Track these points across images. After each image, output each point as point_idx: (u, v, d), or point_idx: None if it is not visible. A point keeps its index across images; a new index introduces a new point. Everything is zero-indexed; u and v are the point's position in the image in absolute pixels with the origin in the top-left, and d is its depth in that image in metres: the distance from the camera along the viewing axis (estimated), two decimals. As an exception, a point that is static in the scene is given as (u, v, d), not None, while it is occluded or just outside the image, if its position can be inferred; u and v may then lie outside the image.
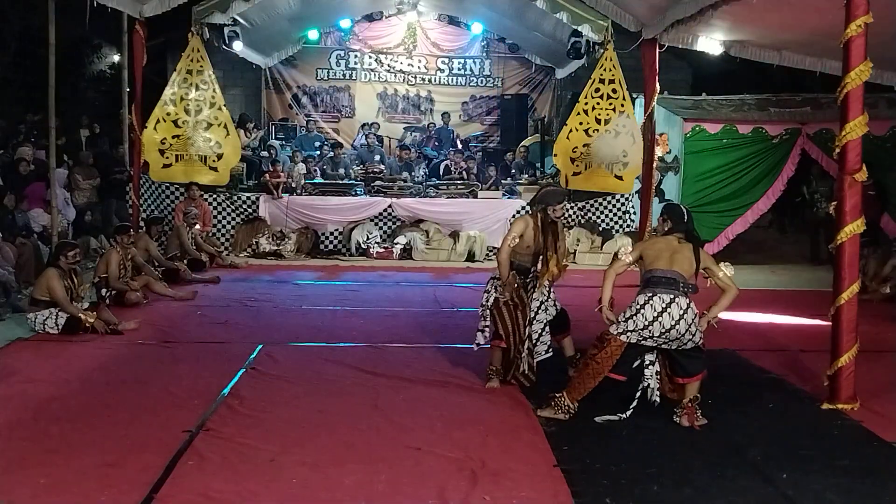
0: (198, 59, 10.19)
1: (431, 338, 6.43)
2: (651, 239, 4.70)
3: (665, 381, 4.57)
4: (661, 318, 4.28)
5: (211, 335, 6.45)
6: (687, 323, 4.30)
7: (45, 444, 4.01)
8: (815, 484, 3.69)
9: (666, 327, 4.28)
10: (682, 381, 4.48)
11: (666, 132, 11.04)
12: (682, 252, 4.48)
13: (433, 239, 10.89)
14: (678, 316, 4.28)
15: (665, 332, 4.30)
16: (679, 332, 4.30)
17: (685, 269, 4.43)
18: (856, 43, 4.59)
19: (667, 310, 4.28)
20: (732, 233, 11.12)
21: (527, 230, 4.99)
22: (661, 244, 4.56)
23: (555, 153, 10.81)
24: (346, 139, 14.30)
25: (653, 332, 4.32)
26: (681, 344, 4.37)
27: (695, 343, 4.39)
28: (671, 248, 4.50)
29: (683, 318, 4.29)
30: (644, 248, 4.62)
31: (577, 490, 3.56)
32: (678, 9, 8.41)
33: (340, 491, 3.55)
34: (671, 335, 4.31)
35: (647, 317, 4.31)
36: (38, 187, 9.89)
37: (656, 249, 4.53)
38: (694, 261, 4.46)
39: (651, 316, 4.30)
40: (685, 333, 4.32)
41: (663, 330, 4.29)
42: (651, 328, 4.31)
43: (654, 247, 4.57)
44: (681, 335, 4.32)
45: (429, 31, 14.80)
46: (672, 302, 4.30)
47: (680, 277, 4.39)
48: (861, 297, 4.88)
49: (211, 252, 9.89)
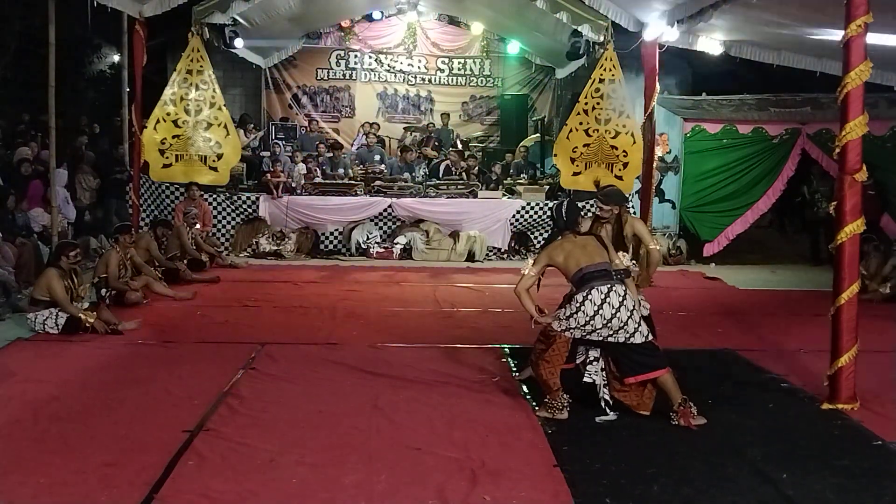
0: (198, 59, 10.19)
1: (431, 338, 6.42)
2: (551, 247, 4.61)
3: (614, 383, 4.54)
4: (601, 309, 4.33)
5: (211, 335, 6.45)
6: (628, 309, 4.34)
7: (45, 444, 4.01)
8: (815, 484, 3.69)
9: (607, 317, 4.33)
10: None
11: (666, 132, 11.06)
12: (590, 244, 4.55)
13: (433, 239, 10.89)
14: (618, 303, 4.33)
15: (607, 322, 4.33)
16: (621, 319, 4.33)
17: (605, 257, 4.49)
18: (856, 43, 4.59)
19: (606, 300, 4.33)
20: (732, 233, 11.13)
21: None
22: (567, 246, 4.56)
23: (555, 153, 10.80)
24: (346, 139, 14.29)
25: (595, 325, 4.36)
26: (627, 334, 4.36)
27: (643, 335, 4.39)
28: (579, 245, 4.54)
29: (623, 304, 4.34)
30: (549, 256, 4.58)
31: (577, 490, 3.56)
32: (678, 9, 8.42)
33: (340, 491, 3.55)
34: (613, 325, 4.34)
35: (587, 312, 4.35)
36: (35, 187, 9.90)
37: (566, 252, 4.53)
38: (603, 247, 4.53)
39: (591, 310, 4.34)
40: (627, 321, 4.34)
41: (605, 321, 4.33)
42: (593, 322, 4.35)
43: (560, 251, 4.55)
44: (623, 323, 4.34)
45: (429, 31, 14.80)
46: (610, 290, 4.35)
47: (609, 267, 4.45)
48: (861, 297, 4.88)
49: (211, 252, 9.89)
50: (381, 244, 10.88)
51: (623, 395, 4.53)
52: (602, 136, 10.45)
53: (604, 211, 5.08)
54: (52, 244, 8.30)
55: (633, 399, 4.51)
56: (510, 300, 8.03)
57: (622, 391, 4.53)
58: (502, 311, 7.45)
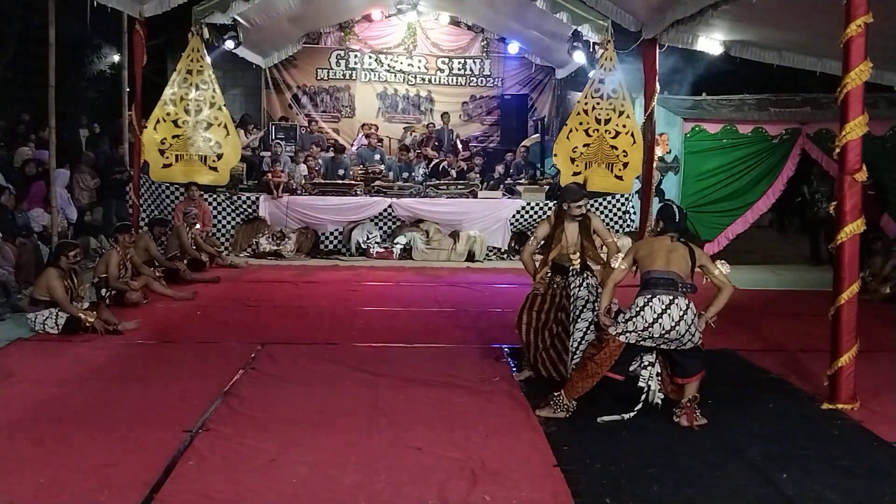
0: (198, 59, 10.19)
1: (431, 338, 6.42)
2: (644, 240, 4.72)
3: (667, 381, 4.57)
4: (661, 319, 4.28)
5: (211, 335, 6.45)
6: (687, 323, 4.30)
7: (45, 444, 4.00)
8: (815, 484, 3.69)
9: (666, 328, 4.28)
10: (682, 382, 4.48)
11: (666, 132, 11.04)
12: (677, 251, 4.49)
13: (433, 239, 10.88)
14: (678, 317, 4.28)
15: (665, 333, 4.30)
16: (679, 332, 4.30)
17: (682, 268, 4.43)
18: (856, 43, 4.59)
19: (667, 311, 4.28)
20: (732, 233, 11.13)
21: (550, 229, 5.20)
22: (656, 245, 4.56)
23: (555, 153, 10.81)
24: (346, 139, 14.30)
25: (652, 333, 4.32)
26: (680, 344, 4.36)
27: (694, 343, 4.40)
28: (666, 248, 4.50)
29: (683, 318, 4.29)
30: (637, 250, 4.62)
31: (577, 490, 3.56)
32: (678, 9, 8.42)
33: (340, 491, 3.55)
34: (671, 336, 4.31)
35: (647, 318, 4.31)
36: (38, 187, 9.90)
37: (651, 250, 4.53)
38: (690, 260, 4.47)
39: (651, 318, 4.30)
40: (685, 334, 4.32)
41: (663, 331, 4.29)
42: (651, 329, 4.31)
43: (648, 248, 4.57)
44: (680, 336, 4.32)
45: (429, 31, 14.80)
46: (672, 303, 4.30)
47: (678, 278, 4.39)
48: (861, 297, 4.88)
49: (211, 252, 9.89)
50: (381, 244, 10.88)
51: (674, 394, 4.56)
52: (602, 136, 10.46)
53: (572, 208, 5.13)
54: (52, 244, 8.29)
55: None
56: (510, 300, 8.07)
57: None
58: (502, 311, 7.44)
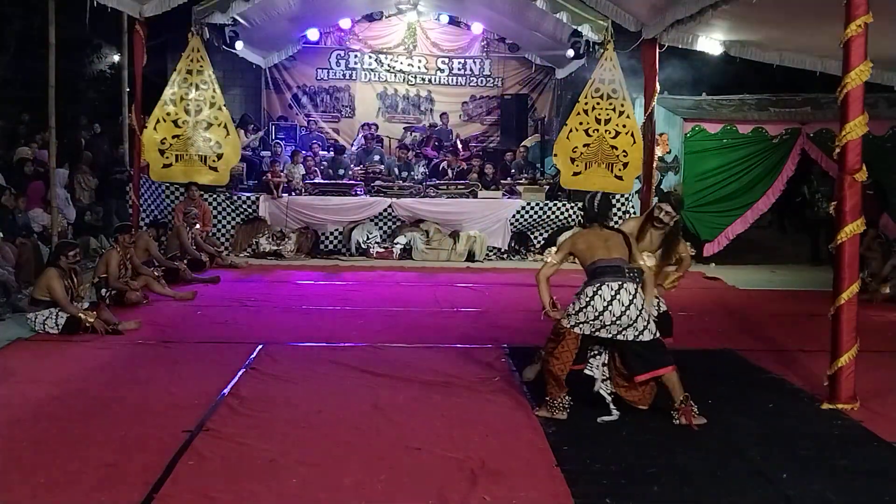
0: (198, 59, 10.19)
1: (431, 338, 6.42)
2: (578, 233, 4.69)
3: (616, 378, 4.55)
4: (611, 305, 4.31)
5: (211, 335, 6.45)
6: (637, 308, 4.33)
7: (45, 444, 4.00)
8: (815, 484, 3.68)
9: (616, 314, 4.31)
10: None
11: (666, 132, 11.05)
12: (613, 239, 4.53)
13: (433, 239, 10.89)
14: (628, 301, 4.32)
15: (616, 319, 4.32)
16: (630, 318, 4.32)
17: (623, 254, 4.47)
18: (856, 43, 4.59)
19: (616, 296, 4.31)
20: (732, 233, 11.13)
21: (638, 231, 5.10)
22: (591, 236, 4.58)
23: (555, 153, 10.81)
24: (346, 139, 14.29)
25: (604, 321, 4.34)
26: (636, 332, 4.36)
27: (652, 333, 4.39)
28: (602, 237, 4.54)
29: (633, 303, 4.33)
30: (572, 244, 4.61)
31: (577, 490, 3.56)
32: (678, 9, 8.42)
33: (340, 491, 3.55)
34: (622, 322, 4.33)
35: (597, 307, 4.34)
36: (38, 187, 9.90)
37: (588, 242, 4.54)
38: (626, 245, 4.50)
39: (601, 306, 4.33)
40: (637, 319, 4.33)
41: (614, 318, 4.32)
42: (602, 317, 4.33)
43: (584, 240, 4.57)
44: (633, 321, 4.33)
45: (429, 31, 14.78)
46: (620, 288, 4.33)
47: (624, 263, 4.43)
48: (861, 297, 4.88)
49: (211, 252, 9.89)
50: (381, 244, 10.88)
51: (625, 392, 4.54)
52: (602, 136, 10.46)
53: (667, 216, 4.96)
54: (52, 244, 8.29)
55: (635, 395, 4.52)
56: (510, 300, 8.08)
57: (625, 387, 4.53)
58: (502, 311, 7.44)
